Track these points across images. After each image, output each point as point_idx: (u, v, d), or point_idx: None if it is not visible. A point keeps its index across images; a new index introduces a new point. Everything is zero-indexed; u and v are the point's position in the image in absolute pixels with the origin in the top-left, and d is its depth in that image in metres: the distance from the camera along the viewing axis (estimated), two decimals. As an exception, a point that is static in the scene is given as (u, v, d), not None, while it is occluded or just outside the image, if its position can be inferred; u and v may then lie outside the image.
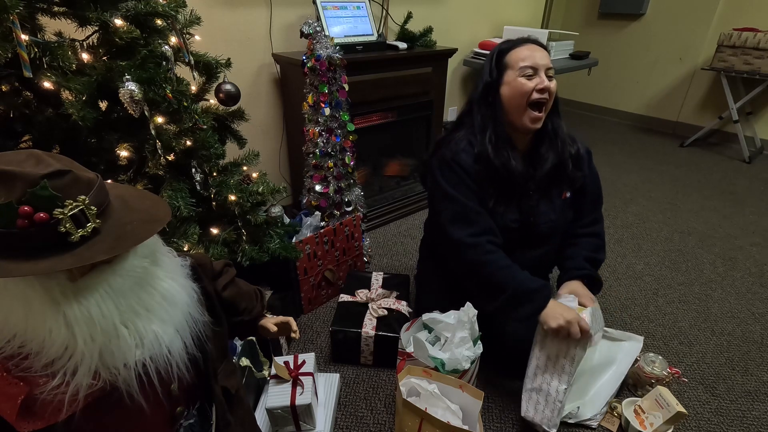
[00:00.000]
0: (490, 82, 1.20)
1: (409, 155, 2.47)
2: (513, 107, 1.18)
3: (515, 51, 1.17)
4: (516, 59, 1.16)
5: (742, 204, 2.56)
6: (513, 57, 1.17)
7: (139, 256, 0.57)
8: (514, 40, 1.21)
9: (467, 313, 1.16)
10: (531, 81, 1.15)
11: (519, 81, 1.15)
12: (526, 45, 1.18)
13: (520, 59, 1.16)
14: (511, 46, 1.19)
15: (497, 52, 1.21)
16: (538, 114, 1.17)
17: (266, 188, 1.30)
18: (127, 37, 0.97)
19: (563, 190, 1.29)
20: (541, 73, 1.15)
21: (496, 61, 1.20)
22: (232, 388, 0.78)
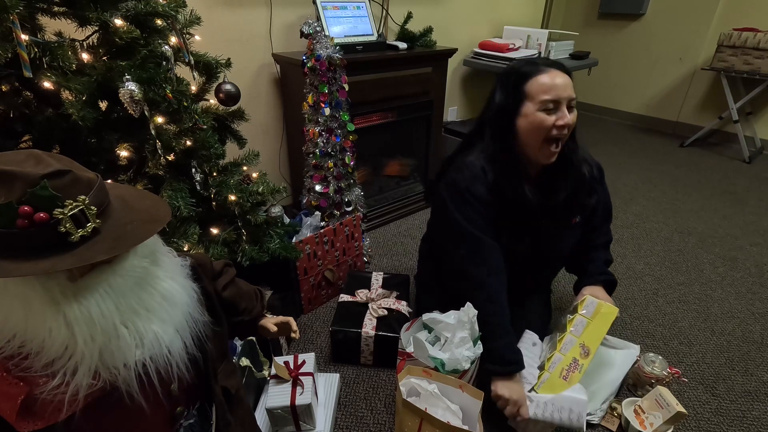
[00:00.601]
0: (506, 109, 1.11)
1: (409, 155, 2.47)
2: (529, 141, 1.11)
3: (537, 79, 1.07)
4: (537, 90, 1.06)
5: (742, 204, 2.56)
6: (534, 87, 1.07)
7: (139, 256, 0.57)
8: (535, 63, 1.10)
9: (467, 313, 1.15)
10: (551, 116, 1.07)
11: (538, 116, 1.07)
12: (549, 72, 1.07)
13: (542, 91, 1.06)
14: (532, 71, 1.08)
15: (516, 76, 1.10)
16: (555, 149, 1.11)
17: (266, 188, 1.30)
18: (127, 37, 0.97)
19: (574, 216, 1.26)
20: (563, 107, 1.06)
21: (514, 86, 1.10)
22: (232, 388, 0.78)
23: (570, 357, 1.14)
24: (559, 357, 1.15)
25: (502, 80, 1.15)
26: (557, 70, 1.08)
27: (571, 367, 1.14)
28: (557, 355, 1.16)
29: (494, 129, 1.15)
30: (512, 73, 1.12)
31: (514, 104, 1.10)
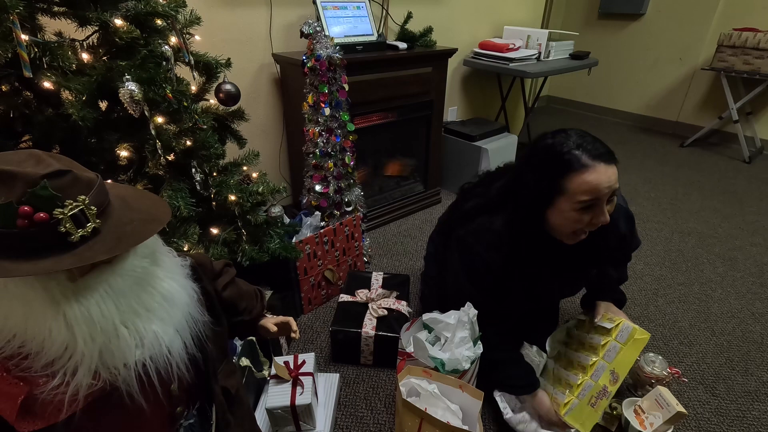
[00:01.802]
0: (539, 198, 0.99)
1: (409, 155, 2.47)
2: (556, 230, 1.03)
3: (581, 177, 0.92)
4: (578, 189, 0.92)
5: (742, 204, 2.56)
6: (575, 184, 0.92)
7: (139, 256, 0.57)
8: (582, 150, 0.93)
9: (467, 313, 1.16)
10: (586, 215, 0.95)
11: (572, 215, 0.96)
12: (596, 169, 0.91)
13: (582, 191, 0.92)
14: (576, 165, 0.92)
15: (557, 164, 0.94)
16: (583, 237, 1.01)
17: (266, 188, 1.30)
18: (127, 37, 0.97)
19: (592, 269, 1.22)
20: (603, 204, 0.94)
21: (552, 175, 0.96)
22: (232, 388, 0.78)
23: (600, 384, 1.11)
24: (590, 384, 1.12)
25: (537, 160, 1.00)
26: (605, 164, 0.92)
27: (599, 394, 1.10)
28: (588, 381, 1.12)
29: (521, 214, 1.05)
30: (551, 157, 0.96)
31: (547, 196, 0.98)
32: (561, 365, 1.25)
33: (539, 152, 1.00)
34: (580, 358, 1.20)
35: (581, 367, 1.17)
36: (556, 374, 1.24)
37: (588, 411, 1.11)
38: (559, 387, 1.19)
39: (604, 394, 1.10)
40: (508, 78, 3.00)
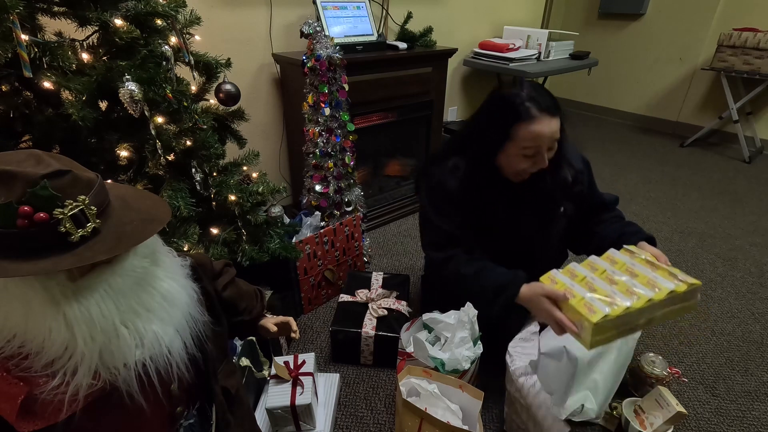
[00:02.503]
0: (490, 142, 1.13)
1: (409, 155, 2.47)
2: (504, 170, 1.16)
3: (527, 126, 1.05)
4: (523, 137, 1.07)
5: (742, 204, 2.56)
6: (521, 132, 1.06)
7: (139, 256, 0.57)
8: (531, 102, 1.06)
9: (467, 313, 1.16)
10: (529, 160, 1.10)
11: (517, 159, 1.10)
12: (540, 121, 1.05)
13: (527, 139, 1.06)
14: (524, 115, 1.06)
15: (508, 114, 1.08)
16: (526, 177, 1.15)
17: (266, 188, 1.30)
18: (127, 37, 0.97)
19: (559, 207, 1.26)
20: (543, 151, 1.08)
21: (502, 122, 1.09)
22: (232, 388, 0.78)
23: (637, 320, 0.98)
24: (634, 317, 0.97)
25: (492, 107, 1.14)
26: (549, 116, 1.06)
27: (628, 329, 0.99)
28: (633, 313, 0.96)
29: (475, 152, 1.18)
30: (505, 105, 1.10)
31: (498, 140, 1.11)
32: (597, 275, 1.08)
33: (495, 100, 1.14)
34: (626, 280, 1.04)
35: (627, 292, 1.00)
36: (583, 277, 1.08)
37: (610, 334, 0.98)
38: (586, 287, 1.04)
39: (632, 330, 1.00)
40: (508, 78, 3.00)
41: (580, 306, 0.98)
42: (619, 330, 0.99)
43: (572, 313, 1.01)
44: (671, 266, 1.06)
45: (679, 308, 1.03)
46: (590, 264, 1.11)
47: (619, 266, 1.08)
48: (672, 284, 1.00)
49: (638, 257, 1.09)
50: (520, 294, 1.08)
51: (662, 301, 0.99)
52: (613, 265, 1.09)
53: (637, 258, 1.09)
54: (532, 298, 1.06)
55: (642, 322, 1.00)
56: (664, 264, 1.06)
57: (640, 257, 1.09)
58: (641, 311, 0.97)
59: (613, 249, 1.13)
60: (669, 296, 0.99)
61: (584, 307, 0.98)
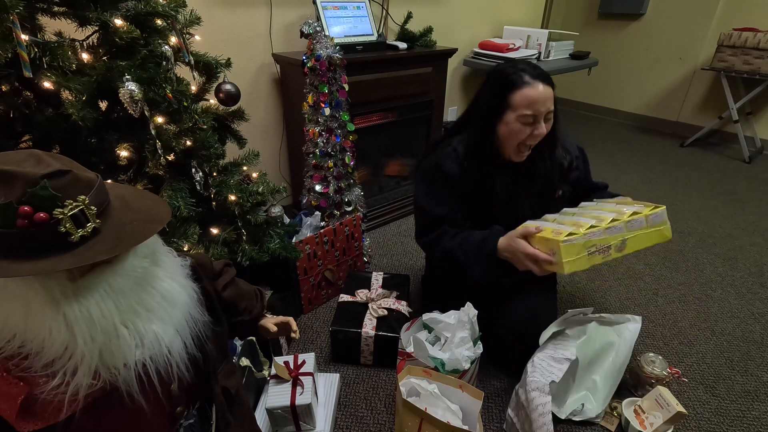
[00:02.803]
0: (489, 113, 1.18)
1: (409, 155, 2.47)
2: (504, 143, 1.20)
3: (522, 92, 1.12)
4: (520, 103, 1.13)
5: (742, 204, 2.56)
6: (518, 99, 1.13)
7: (139, 256, 0.57)
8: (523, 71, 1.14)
9: (467, 313, 1.16)
10: (528, 128, 1.14)
11: (516, 126, 1.14)
12: (534, 86, 1.12)
13: (524, 105, 1.12)
14: (519, 82, 1.13)
15: (503, 83, 1.15)
16: (526, 153, 1.20)
17: (266, 188, 1.30)
18: (127, 37, 0.97)
19: (556, 190, 1.31)
20: (540, 120, 1.14)
21: (500, 92, 1.16)
22: (232, 388, 0.78)
23: (608, 241, 1.04)
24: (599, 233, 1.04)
25: (490, 82, 1.20)
26: (542, 83, 1.13)
27: (602, 249, 1.04)
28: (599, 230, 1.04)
29: (476, 127, 1.23)
30: (501, 77, 1.17)
31: (497, 110, 1.17)
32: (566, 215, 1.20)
33: (490, 76, 1.21)
34: (597, 212, 1.13)
35: (596, 218, 1.08)
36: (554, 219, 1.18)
37: (582, 255, 1.02)
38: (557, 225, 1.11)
39: (605, 252, 1.04)
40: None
41: (548, 233, 1.06)
42: (591, 251, 1.03)
43: (543, 244, 1.07)
44: None
45: (652, 232, 1.10)
46: (562, 212, 1.23)
47: (589, 209, 1.20)
48: (635, 207, 1.10)
49: (608, 201, 1.22)
50: (498, 245, 1.16)
51: (628, 222, 1.07)
52: (583, 210, 1.21)
53: (606, 202, 1.22)
54: (509, 242, 1.14)
55: (615, 243, 1.05)
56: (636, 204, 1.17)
57: (608, 201, 1.23)
58: (608, 231, 1.05)
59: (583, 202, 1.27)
60: (634, 216, 1.08)
61: (551, 233, 1.05)
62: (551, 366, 1.14)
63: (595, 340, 1.32)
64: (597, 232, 1.04)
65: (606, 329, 1.35)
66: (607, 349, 1.31)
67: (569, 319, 1.26)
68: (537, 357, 1.18)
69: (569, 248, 1.01)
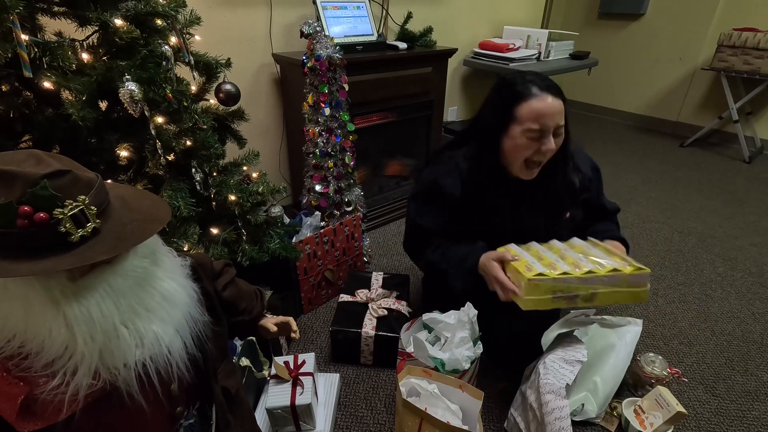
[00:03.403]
0: (494, 126, 1.11)
1: (409, 155, 2.47)
2: (510, 159, 1.13)
3: (529, 104, 1.05)
4: (526, 116, 1.05)
5: (742, 204, 2.56)
6: (524, 111, 1.05)
7: (139, 256, 0.57)
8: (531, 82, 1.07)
9: (467, 313, 1.16)
10: (534, 143, 1.07)
11: (522, 141, 1.07)
12: (541, 98, 1.05)
13: (530, 118, 1.05)
14: (525, 93, 1.06)
15: (510, 94, 1.08)
16: (534, 170, 1.13)
17: (266, 188, 1.30)
18: (127, 37, 0.97)
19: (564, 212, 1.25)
20: (548, 135, 1.06)
21: (505, 104, 1.09)
22: (232, 388, 0.78)
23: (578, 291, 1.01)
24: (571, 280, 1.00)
25: (496, 93, 1.14)
26: (550, 95, 1.06)
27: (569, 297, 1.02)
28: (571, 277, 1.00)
29: (480, 141, 1.17)
30: (506, 88, 1.10)
31: (502, 123, 1.10)
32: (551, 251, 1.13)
33: (497, 87, 1.14)
34: (576, 257, 1.08)
35: (573, 264, 1.04)
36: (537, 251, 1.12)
37: (546, 297, 1.00)
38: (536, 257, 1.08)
39: (571, 299, 1.01)
40: (508, 78, 3.00)
41: (520, 266, 1.03)
42: (557, 295, 1.01)
43: (514, 274, 1.06)
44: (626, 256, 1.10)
45: (627, 293, 1.04)
46: (549, 244, 1.16)
47: (576, 249, 1.13)
48: (617, 264, 1.04)
49: (598, 245, 1.14)
50: (479, 262, 1.13)
51: (605, 276, 1.02)
52: (570, 248, 1.14)
53: (596, 245, 1.14)
54: (485, 262, 1.12)
55: (583, 294, 1.02)
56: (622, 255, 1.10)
57: (599, 245, 1.14)
58: (581, 280, 1.00)
59: (576, 237, 1.19)
60: (612, 273, 1.02)
61: (524, 267, 1.03)
62: (563, 368, 1.12)
63: (596, 341, 1.32)
64: (568, 279, 1.01)
65: (607, 331, 1.35)
66: (608, 351, 1.31)
67: (571, 320, 1.26)
68: (548, 358, 1.15)
69: (534, 288, 1.00)
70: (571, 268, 1.02)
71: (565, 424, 1.01)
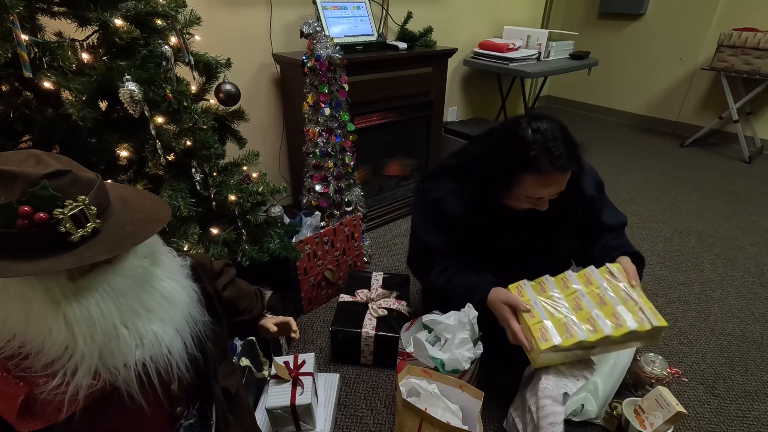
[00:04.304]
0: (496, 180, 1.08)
1: (409, 155, 2.47)
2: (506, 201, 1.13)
3: (535, 179, 1.01)
4: (530, 186, 1.03)
5: (742, 204, 2.56)
6: (528, 182, 1.03)
7: (139, 256, 0.57)
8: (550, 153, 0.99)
9: (467, 314, 1.16)
10: (529, 202, 1.08)
11: (518, 200, 1.08)
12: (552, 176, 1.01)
13: (534, 190, 1.04)
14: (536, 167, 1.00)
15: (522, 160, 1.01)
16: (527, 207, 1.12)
17: (266, 188, 1.30)
18: (127, 37, 0.97)
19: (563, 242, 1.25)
20: (546, 200, 1.07)
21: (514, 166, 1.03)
22: (232, 388, 0.78)
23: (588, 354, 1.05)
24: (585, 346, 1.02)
25: (506, 145, 1.06)
26: (562, 173, 1.02)
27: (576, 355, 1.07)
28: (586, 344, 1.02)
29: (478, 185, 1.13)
30: (519, 148, 1.02)
31: (504, 182, 1.07)
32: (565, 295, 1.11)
33: (511, 138, 1.05)
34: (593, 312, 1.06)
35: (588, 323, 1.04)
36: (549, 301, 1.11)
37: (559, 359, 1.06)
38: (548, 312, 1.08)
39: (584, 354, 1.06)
40: (508, 78, 3.00)
41: (535, 329, 1.05)
42: (570, 353, 1.05)
43: (526, 328, 1.08)
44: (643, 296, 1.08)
45: (639, 342, 1.07)
46: (563, 281, 1.14)
47: (591, 289, 1.11)
48: (635, 324, 1.03)
49: (613, 282, 1.12)
50: (488, 298, 1.14)
51: (620, 336, 1.03)
52: (586, 286, 1.12)
53: (612, 283, 1.11)
54: (495, 303, 1.13)
55: (596, 350, 1.06)
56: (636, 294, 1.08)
57: (615, 282, 1.12)
58: (596, 343, 1.03)
59: (592, 267, 1.15)
60: (628, 334, 1.04)
61: (539, 331, 1.05)
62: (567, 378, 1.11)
63: None
64: (584, 344, 1.03)
65: None
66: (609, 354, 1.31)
67: None
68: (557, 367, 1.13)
69: (548, 355, 1.05)
70: (587, 332, 1.03)
71: (557, 429, 1.02)
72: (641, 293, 1.09)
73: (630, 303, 1.07)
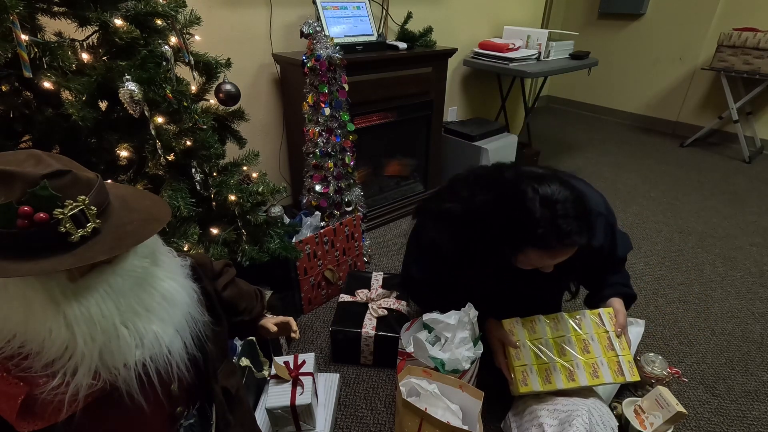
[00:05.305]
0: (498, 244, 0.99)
1: (409, 155, 2.47)
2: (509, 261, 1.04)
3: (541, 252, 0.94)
4: (534, 258, 0.97)
5: (742, 204, 2.56)
6: (534, 255, 0.96)
7: (139, 256, 0.57)
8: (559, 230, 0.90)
9: (468, 313, 1.15)
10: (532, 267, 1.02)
11: (523, 264, 1.01)
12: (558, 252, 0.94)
13: (537, 261, 0.98)
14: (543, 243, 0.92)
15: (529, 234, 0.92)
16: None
17: (266, 188, 1.30)
18: (127, 37, 0.97)
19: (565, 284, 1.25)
20: (551, 266, 1.00)
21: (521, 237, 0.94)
22: (232, 388, 0.78)
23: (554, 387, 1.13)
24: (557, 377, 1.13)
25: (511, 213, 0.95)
26: (569, 247, 0.93)
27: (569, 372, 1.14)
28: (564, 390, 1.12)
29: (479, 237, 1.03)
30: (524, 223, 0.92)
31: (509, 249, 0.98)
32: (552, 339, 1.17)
33: (517, 208, 0.94)
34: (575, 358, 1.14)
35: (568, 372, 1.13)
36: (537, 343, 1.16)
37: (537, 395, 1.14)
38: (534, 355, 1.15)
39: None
40: (508, 78, 3.00)
41: (518, 371, 1.15)
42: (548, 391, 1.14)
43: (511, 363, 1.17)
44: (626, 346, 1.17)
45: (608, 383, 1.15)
46: (555, 322, 1.21)
47: (578, 336, 1.20)
48: (611, 378, 1.14)
49: (600, 329, 1.20)
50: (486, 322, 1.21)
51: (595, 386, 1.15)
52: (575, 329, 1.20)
53: (599, 331, 1.20)
54: (491, 332, 1.21)
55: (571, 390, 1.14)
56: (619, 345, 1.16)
57: (602, 330, 1.20)
58: (572, 390, 1.14)
59: (584, 311, 1.22)
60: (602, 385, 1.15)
61: (521, 374, 1.15)
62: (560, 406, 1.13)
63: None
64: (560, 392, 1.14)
65: None
66: None
67: None
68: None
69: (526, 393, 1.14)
70: (565, 382, 1.13)
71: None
72: (624, 344, 1.17)
73: (610, 354, 1.16)
